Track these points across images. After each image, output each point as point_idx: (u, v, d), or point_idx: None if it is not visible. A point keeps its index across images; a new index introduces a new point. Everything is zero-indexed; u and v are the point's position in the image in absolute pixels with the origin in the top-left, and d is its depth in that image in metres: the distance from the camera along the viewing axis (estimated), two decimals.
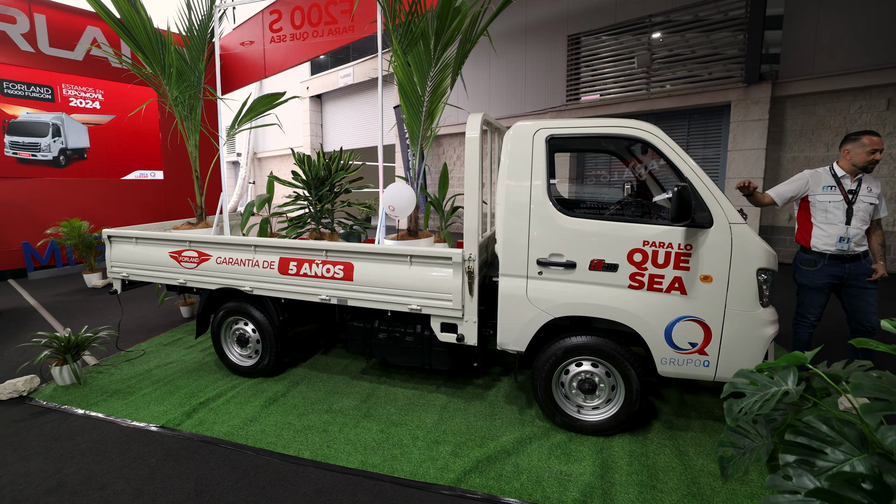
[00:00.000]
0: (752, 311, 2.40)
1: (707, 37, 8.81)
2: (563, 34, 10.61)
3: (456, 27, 3.20)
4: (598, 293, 2.59)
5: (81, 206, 8.59)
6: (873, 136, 3.01)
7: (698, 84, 8.83)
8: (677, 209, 2.23)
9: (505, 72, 11.80)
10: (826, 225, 3.11)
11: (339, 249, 3.20)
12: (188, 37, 3.87)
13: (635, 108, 9.59)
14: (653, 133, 2.50)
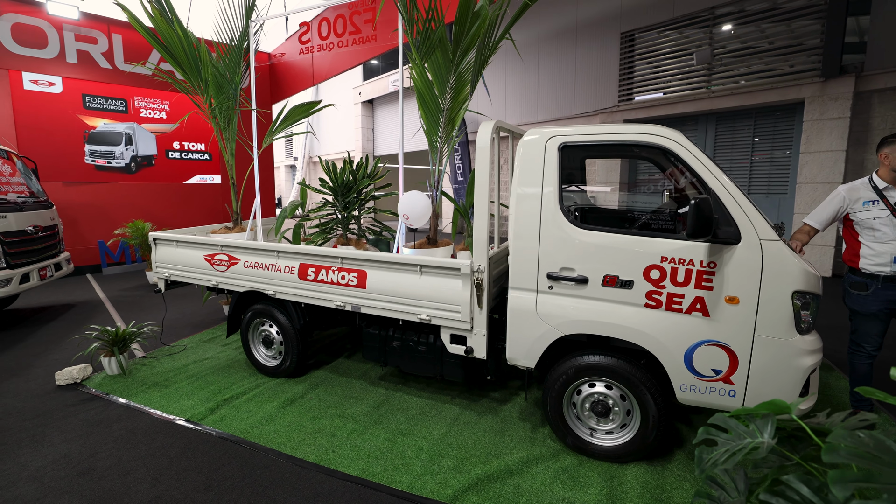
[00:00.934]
0: (786, 338, 2.14)
1: (777, 28, 8.09)
2: (615, 31, 10.17)
3: (476, 33, 3.13)
4: (612, 311, 2.43)
5: (149, 209, 9.34)
6: None
7: (766, 80, 8.13)
8: (694, 224, 2.03)
9: (554, 73, 11.50)
10: (875, 244, 2.71)
11: (353, 257, 3.22)
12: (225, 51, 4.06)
13: (694, 107, 9.00)
14: (673, 139, 2.30)
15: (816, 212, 2.93)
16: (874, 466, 0.83)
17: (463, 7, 3.07)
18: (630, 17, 9.93)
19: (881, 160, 2.76)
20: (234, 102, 4.24)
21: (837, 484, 0.84)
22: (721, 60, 8.72)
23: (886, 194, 2.70)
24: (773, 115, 8.48)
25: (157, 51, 3.98)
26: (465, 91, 3.45)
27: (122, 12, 3.95)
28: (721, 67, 8.74)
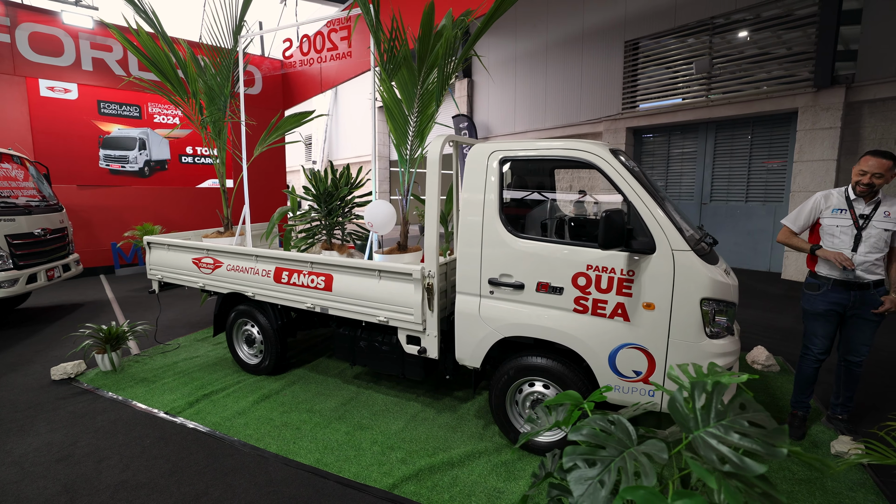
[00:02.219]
0: (696, 341, 2.29)
1: (772, 39, 8.14)
2: (620, 40, 10.29)
3: (438, 51, 3.34)
4: (545, 315, 2.60)
5: (162, 212, 9.76)
6: (872, 157, 2.71)
7: (762, 90, 8.17)
8: (604, 235, 2.20)
9: (561, 80, 11.64)
10: (832, 250, 2.84)
11: (321, 262, 3.45)
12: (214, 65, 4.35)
13: (694, 116, 9.07)
14: (595, 154, 2.47)
15: (794, 214, 3.05)
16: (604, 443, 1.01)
17: (425, 26, 3.29)
18: (634, 25, 10.04)
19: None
20: (223, 114, 4.52)
21: (567, 455, 1.02)
22: (719, 70, 8.78)
23: (854, 205, 2.81)
24: (769, 125, 8.50)
25: (145, 65, 4.30)
26: (431, 106, 3.66)
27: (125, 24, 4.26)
28: (719, 77, 8.80)
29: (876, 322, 2.80)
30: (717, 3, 8.54)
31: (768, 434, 0.87)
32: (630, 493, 0.87)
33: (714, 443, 0.88)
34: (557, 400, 1.39)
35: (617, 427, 1.05)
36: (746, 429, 0.89)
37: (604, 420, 1.09)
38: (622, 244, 2.25)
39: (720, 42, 8.70)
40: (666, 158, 10.09)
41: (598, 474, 0.95)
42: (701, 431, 0.93)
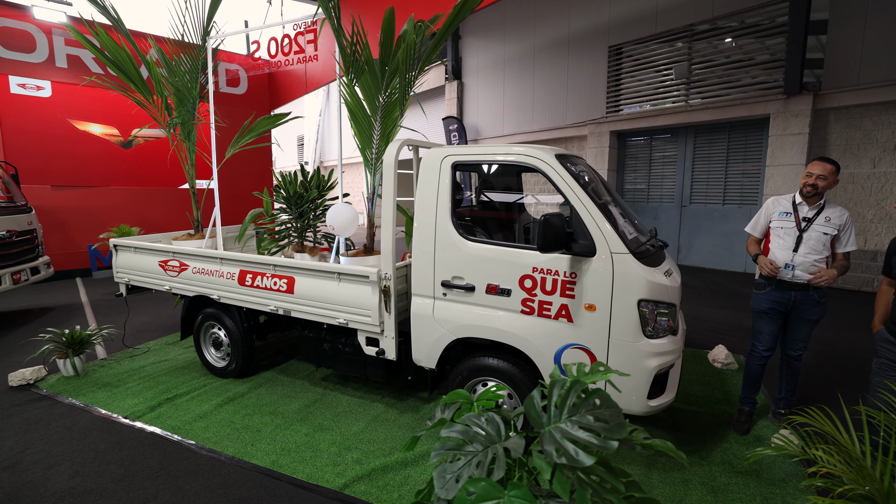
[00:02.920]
0: (634, 341, 2.35)
1: (745, 47, 8.31)
2: (604, 45, 10.42)
3: (400, 57, 3.38)
4: (495, 317, 2.65)
5: (142, 213, 9.68)
6: (819, 162, 2.86)
7: (735, 96, 8.33)
8: (542, 238, 2.26)
9: (548, 84, 11.76)
10: (777, 250, 2.97)
11: (283, 265, 3.47)
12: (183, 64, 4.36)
13: (673, 120, 9.21)
14: (542, 160, 2.53)
15: (753, 221, 3.19)
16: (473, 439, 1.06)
17: (386, 32, 3.33)
18: (617, 31, 10.18)
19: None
20: (191, 116, 4.53)
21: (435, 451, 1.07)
22: (697, 76, 8.94)
23: (799, 209, 2.93)
24: (744, 130, 8.67)
25: (110, 68, 4.30)
26: (396, 111, 3.70)
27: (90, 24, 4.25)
28: (697, 82, 8.95)
29: (815, 321, 2.93)
30: (696, 11, 8.71)
31: (608, 428, 0.92)
32: (472, 484, 0.92)
33: (558, 436, 0.93)
34: (449, 399, 1.44)
35: (489, 424, 1.10)
36: (590, 423, 0.94)
37: (479, 417, 1.13)
38: (561, 247, 2.31)
39: (698, 49, 8.86)
40: (648, 162, 10.23)
41: (458, 469, 0.99)
42: (550, 427, 0.98)
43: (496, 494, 0.89)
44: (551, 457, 0.89)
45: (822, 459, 1.59)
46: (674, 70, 9.05)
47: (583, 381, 1.06)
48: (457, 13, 3.29)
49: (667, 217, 9.87)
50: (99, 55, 4.25)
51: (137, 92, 4.30)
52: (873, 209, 7.13)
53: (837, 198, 7.42)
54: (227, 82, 10.96)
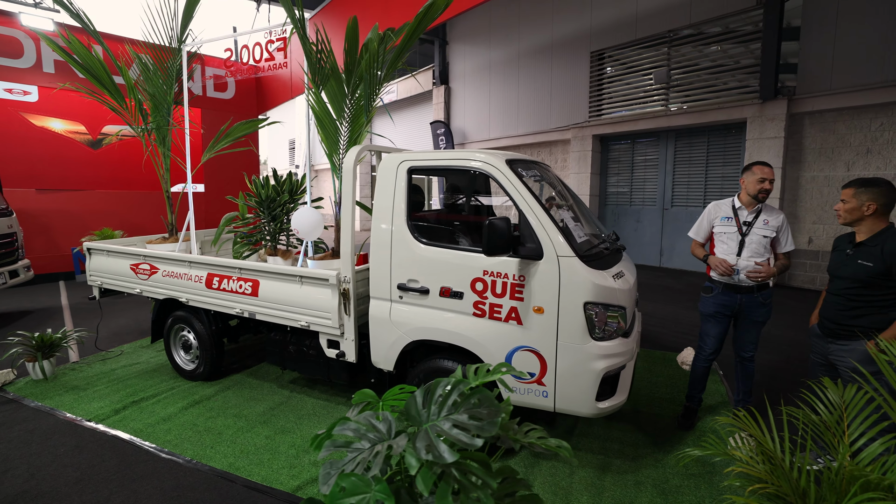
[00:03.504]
0: (581, 344, 2.39)
1: (722, 53, 8.43)
2: (586, 50, 10.53)
3: (363, 65, 3.41)
4: (448, 319, 2.68)
5: (127, 216, 9.66)
6: (763, 166, 2.95)
7: (713, 101, 8.44)
8: (487, 242, 2.29)
9: (532, 89, 11.86)
10: (721, 255, 3.02)
11: (248, 268, 3.50)
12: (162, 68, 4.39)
13: (654, 124, 9.31)
14: (492, 165, 2.57)
15: (695, 226, 3.26)
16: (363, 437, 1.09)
17: (350, 40, 3.37)
18: (599, 36, 10.28)
19: (741, 185, 3.04)
20: (166, 122, 4.55)
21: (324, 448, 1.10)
22: (677, 81, 9.05)
23: (739, 213, 2.99)
24: (723, 134, 8.77)
25: (76, 70, 4.32)
26: (362, 117, 3.74)
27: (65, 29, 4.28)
28: (676, 87, 9.06)
29: (762, 323, 3.00)
30: (674, 17, 8.82)
31: (480, 426, 0.96)
32: (343, 479, 0.95)
33: (431, 434, 0.96)
34: (357, 399, 1.46)
35: (382, 422, 1.13)
36: (463, 421, 0.97)
37: (373, 416, 1.17)
38: (507, 251, 2.35)
39: (677, 54, 8.97)
40: (630, 165, 10.32)
41: (342, 465, 1.02)
42: (427, 425, 1.02)
43: (364, 489, 0.92)
44: (421, 454, 0.92)
45: (742, 459, 1.63)
46: (653, 75, 9.16)
47: (468, 381, 1.10)
48: (418, 23, 3.34)
49: (649, 220, 9.95)
50: (68, 59, 4.26)
51: (109, 96, 4.32)
52: None
53: (813, 201, 7.52)
54: (215, 87, 10.98)
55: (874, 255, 2.35)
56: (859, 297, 2.41)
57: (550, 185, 3.18)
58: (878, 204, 2.39)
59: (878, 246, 2.36)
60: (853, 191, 2.45)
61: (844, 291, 2.47)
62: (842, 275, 2.49)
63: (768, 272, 2.84)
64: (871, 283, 2.36)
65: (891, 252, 2.30)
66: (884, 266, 2.31)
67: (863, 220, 2.44)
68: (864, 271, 2.36)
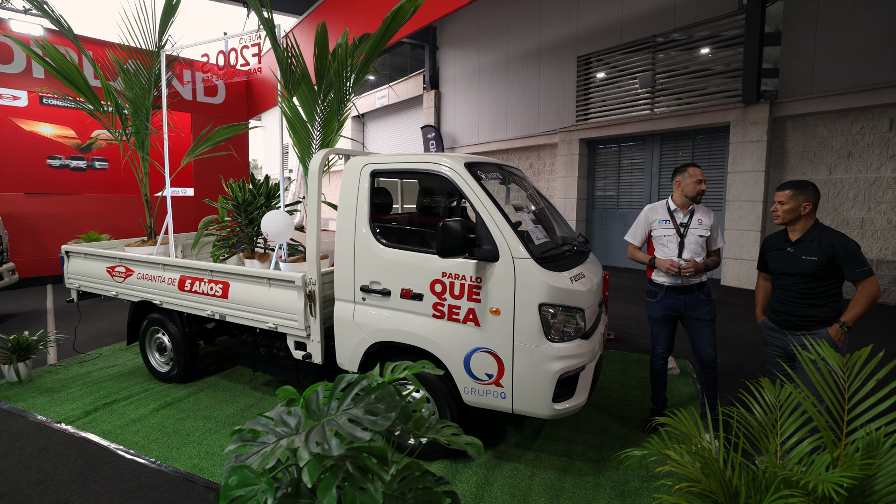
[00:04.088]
0: (537, 345, 2.41)
1: (706, 57, 8.51)
2: (573, 55, 10.61)
3: (331, 70, 3.45)
4: (408, 321, 2.70)
5: (115, 220, 9.66)
6: (696, 168, 3.03)
7: (697, 105, 8.51)
8: (441, 244, 2.32)
9: (521, 93, 11.94)
10: (662, 258, 3.06)
11: (219, 270, 3.52)
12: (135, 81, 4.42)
13: (640, 128, 9.38)
14: (449, 167, 2.60)
15: (632, 230, 3.27)
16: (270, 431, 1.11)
17: (319, 45, 3.41)
18: (585, 41, 10.37)
19: (675, 186, 3.08)
20: (144, 127, 4.58)
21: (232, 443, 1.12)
22: (661, 85, 9.12)
23: (675, 216, 3.03)
24: (708, 137, 8.83)
25: (52, 74, 4.35)
26: (333, 121, 3.77)
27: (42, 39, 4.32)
28: (661, 91, 9.13)
29: (710, 320, 3.03)
30: (659, 22, 8.90)
31: (373, 421, 0.98)
32: (235, 472, 0.97)
33: (327, 430, 0.98)
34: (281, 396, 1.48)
35: (291, 417, 1.15)
36: (358, 416, 1.00)
37: (285, 412, 1.19)
38: (461, 252, 2.38)
39: (661, 58, 9.04)
40: (617, 169, 10.38)
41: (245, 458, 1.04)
42: (325, 419, 1.04)
43: (253, 482, 0.95)
44: (312, 447, 0.94)
45: (674, 459, 1.65)
46: (638, 79, 9.23)
47: (370, 377, 1.12)
48: (386, 28, 3.38)
49: None
50: (41, 62, 4.29)
51: (86, 100, 4.35)
52: (831, 215, 7.27)
53: None
54: (205, 92, 11.01)
55: (815, 249, 2.50)
56: (811, 289, 2.53)
57: (520, 189, 3.21)
58: (812, 204, 2.55)
59: (814, 241, 2.52)
60: (791, 192, 2.58)
61: (795, 286, 2.58)
62: (789, 272, 2.61)
63: (696, 266, 2.91)
64: (820, 274, 2.49)
65: (829, 244, 2.47)
66: (827, 257, 2.46)
67: (799, 219, 2.58)
68: (811, 265, 2.50)
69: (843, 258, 2.42)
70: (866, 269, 2.42)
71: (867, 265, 2.43)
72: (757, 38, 7.36)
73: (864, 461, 1.28)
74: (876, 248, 6.94)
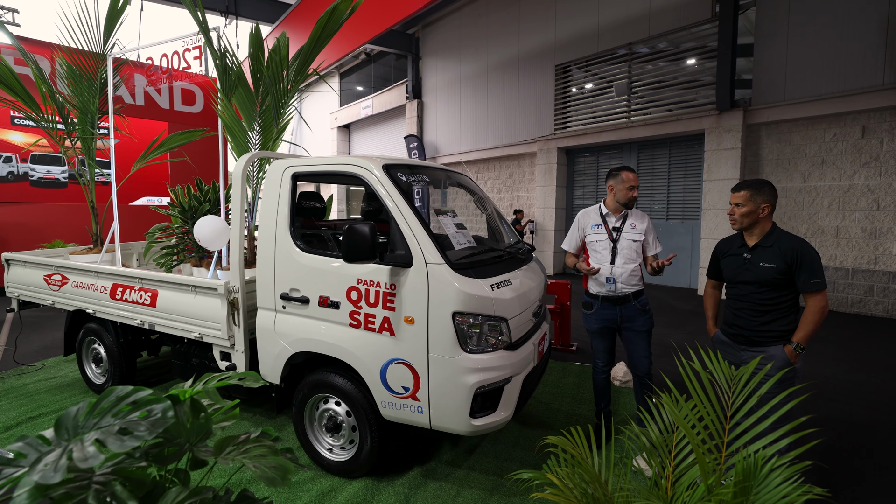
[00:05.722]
0: (452, 356, 2.27)
1: (680, 64, 8.50)
2: (551, 63, 10.60)
3: (271, 72, 3.35)
4: (326, 330, 2.57)
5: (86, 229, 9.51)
6: (630, 172, 2.89)
7: (672, 112, 8.47)
8: (346, 248, 2.20)
9: (500, 103, 11.92)
10: (596, 264, 2.94)
11: (148, 278, 3.38)
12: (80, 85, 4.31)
13: (616, 136, 9.32)
14: (365, 169, 2.49)
15: (568, 236, 3.14)
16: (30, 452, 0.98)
17: (255, 45, 3.31)
18: (563, 50, 10.36)
19: (608, 190, 2.97)
20: (90, 133, 4.46)
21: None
22: (637, 93, 9.09)
23: (607, 220, 2.91)
24: (684, 145, 8.78)
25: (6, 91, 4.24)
26: (272, 127, 3.66)
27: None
28: (637, 99, 9.09)
29: (646, 332, 2.90)
30: (634, 30, 8.90)
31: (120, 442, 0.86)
32: None
33: (76, 448, 0.86)
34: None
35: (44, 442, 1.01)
36: (104, 437, 0.87)
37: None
38: (370, 257, 2.25)
39: (637, 66, 9.03)
40: (595, 178, 10.32)
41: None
42: (76, 438, 0.91)
43: None
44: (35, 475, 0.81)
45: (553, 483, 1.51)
46: (614, 87, 9.21)
47: (137, 391, 0.99)
48: (322, 28, 3.28)
49: None
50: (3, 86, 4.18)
51: (23, 104, 4.23)
52: (806, 223, 7.20)
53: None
54: (183, 101, 10.92)
55: (774, 256, 2.31)
56: (768, 300, 2.34)
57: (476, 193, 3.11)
58: (771, 205, 2.35)
59: (773, 246, 2.33)
60: (749, 193, 2.37)
61: (751, 296, 2.38)
62: (745, 280, 2.41)
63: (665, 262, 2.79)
64: (777, 283, 2.31)
65: (789, 249, 2.27)
66: (785, 264, 2.27)
67: (757, 222, 2.38)
68: (770, 273, 2.31)
69: (800, 264, 2.24)
70: (821, 280, 2.23)
71: (822, 277, 2.25)
72: (730, 45, 7.34)
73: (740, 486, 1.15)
74: (851, 258, 6.85)
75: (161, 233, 4.85)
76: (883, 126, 6.42)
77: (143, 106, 9.76)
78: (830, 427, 3.33)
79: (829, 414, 3.57)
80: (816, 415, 3.46)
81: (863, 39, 6.41)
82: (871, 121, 6.50)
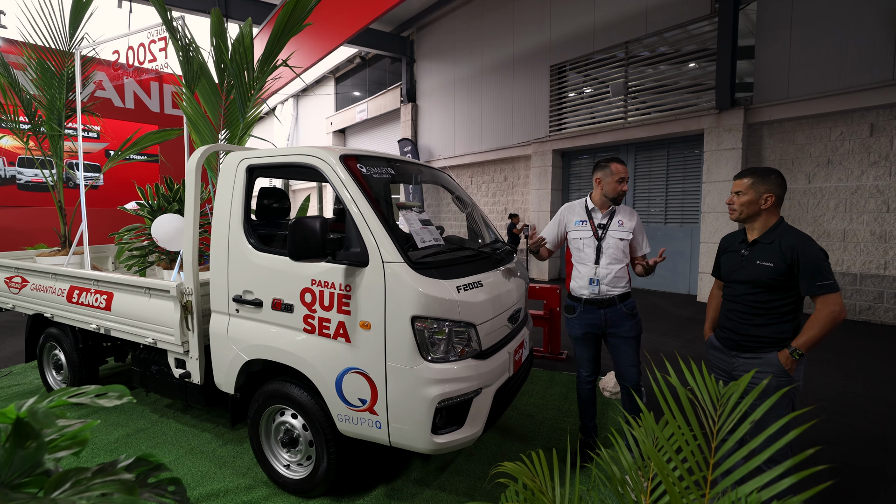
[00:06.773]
0: (411, 366, 2.05)
1: (678, 62, 8.28)
2: (546, 64, 10.41)
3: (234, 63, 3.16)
4: (279, 335, 2.35)
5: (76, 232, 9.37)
6: (619, 164, 2.64)
7: (671, 112, 8.24)
8: (291, 244, 1.98)
9: (495, 105, 11.73)
10: (579, 265, 2.72)
11: (104, 280, 3.18)
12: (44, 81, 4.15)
13: (613, 137, 9.10)
14: (321, 159, 2.28)
15: (547, 228, 2.91)
16: None
17: (217, 33, 3.12)
18: (558, 50, 10.18)
19: (595, 184, 2.74)
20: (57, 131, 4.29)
21: None
22: (634, 92, 8.88)
23: (593, 216, 2.69)
24: (682, 146, 8.55)
25: None
26: (238, 121, 3.47)
27: None
28: (634, 99, 8.88)
29: (633, 338, 2.66)
30: (631, 28, 8.70)
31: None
32: None
33: None
34: None
35: None
36: None
37: None
38: (321, 255, 2.03)
39: (633, 65, 8.82)
40: (591, 180, 10.07)
41: None
42: None
43: None
44: None
45: None
46: (611, 87, 9.00)
47: None
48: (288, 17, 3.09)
49: None
50: None
51: None
52: (811, 226, 6.93)
53: None
54: (173, 104, 10.78)
55: (773, 254, 2.04)
56: (762, 303, 2.07)
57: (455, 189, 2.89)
58: (775, 196, 2.09)
59: (774, 243, 2.06)
60: (750, 181, 2.12)
61: (745, 298, 2.13)
62: (740, 279, 2.15)
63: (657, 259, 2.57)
64: (773, 285, 2.04)
65: (790, 248, 2.00)
66: (784, 264, 2.00)
67: (759, 214, 2.12)
68: (766, 273, 2.04)
69: (802, 265, 1.97)
70: (829, 282, 1.95)
71: (831, 278, 1.96)
72: (730, 41, 7.12)
73: None
74: (859, 262, 6.57)
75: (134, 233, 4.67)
76: (893, 123, 6.16)
77: (133, 109, 9.65)
78: (839, 446, 3.07)
79: (839, 429, 3.30)
80: (822, 431, 3.20)
81: (870, 33, 6.17)
82: (881, 118, 6.24)
